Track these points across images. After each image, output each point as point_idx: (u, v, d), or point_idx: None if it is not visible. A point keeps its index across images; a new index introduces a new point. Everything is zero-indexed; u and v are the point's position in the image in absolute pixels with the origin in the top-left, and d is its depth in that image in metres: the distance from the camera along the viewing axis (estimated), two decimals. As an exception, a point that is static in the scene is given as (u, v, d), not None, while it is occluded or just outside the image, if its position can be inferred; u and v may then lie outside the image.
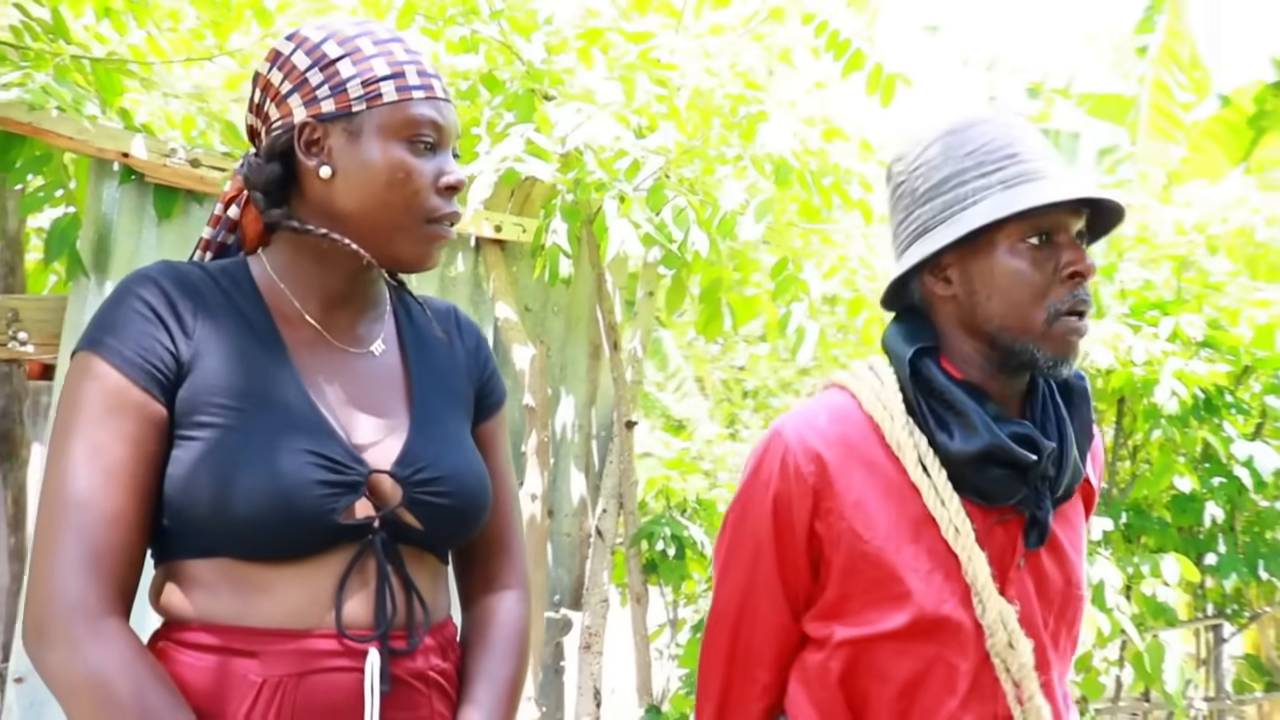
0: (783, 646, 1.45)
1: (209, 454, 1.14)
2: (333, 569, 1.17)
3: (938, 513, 1.36)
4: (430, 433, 1.28)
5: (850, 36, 4.34)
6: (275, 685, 1.12)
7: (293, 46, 1.26)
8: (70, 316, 3.12)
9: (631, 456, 3.90)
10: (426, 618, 1.24)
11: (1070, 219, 1.36)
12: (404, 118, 1.24)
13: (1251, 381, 4.44)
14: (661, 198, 3.50)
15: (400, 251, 1.27)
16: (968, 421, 1.35)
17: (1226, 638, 4.67)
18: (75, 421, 1.14)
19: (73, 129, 3.03)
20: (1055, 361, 1.35)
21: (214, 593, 1.15)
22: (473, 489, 1.29)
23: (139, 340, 1.16)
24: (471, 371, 1.42)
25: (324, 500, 1.15)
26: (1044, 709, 1.37)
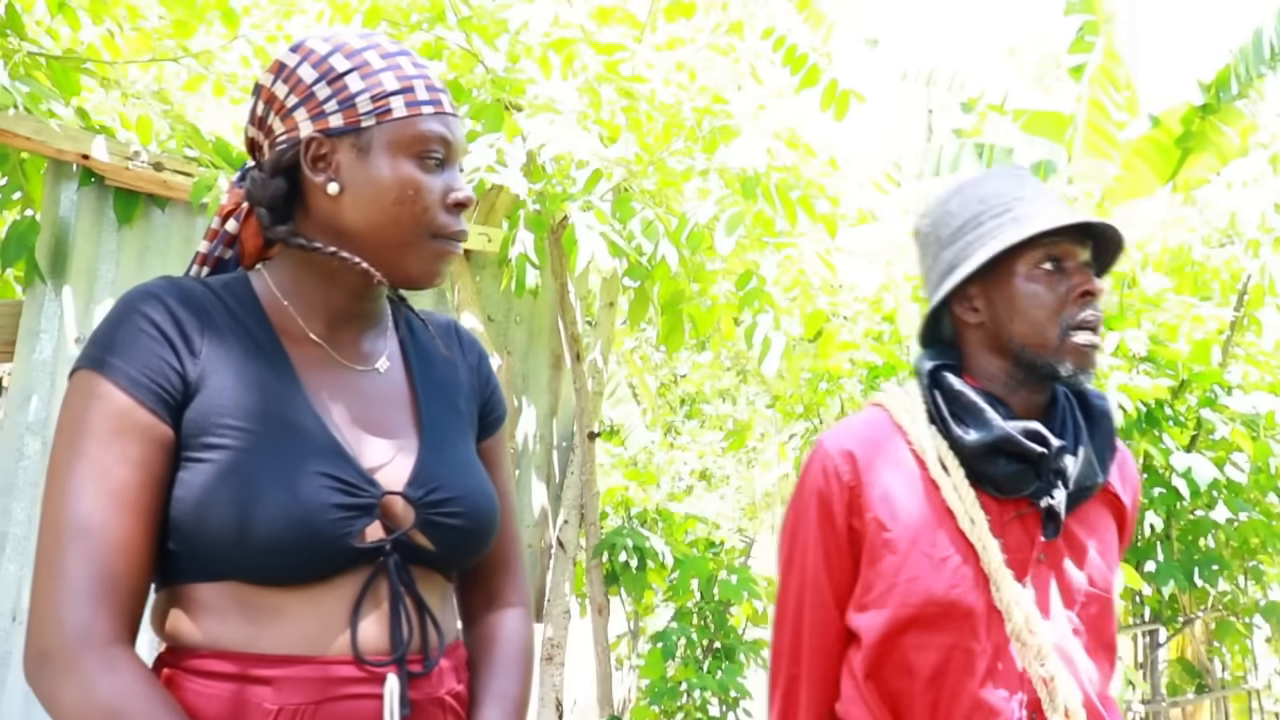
0: (835, 641, 1.59)
1: (222, 477, 1.10)
2: (346, 592, 1.14)
3: (955, 506, 1.51)
4: (440, 453, 1.26)
5: (806, 52, 4.42)
6: (293, 713, 1.09)
7: (298, 59, 1.23)
8: (25, 323, 3.03)
9: (593, 467, 3.90)
10: (441, 640, 1.22)
11: (1077, 248, 1.54)
12: (414, 134, 1.21)
13: (1188, 395, 4.58)
14: (629, 210, 3.51)
15: (409, 268, 1.24)
16: (980, 417, 1.52)
17: (1162, 642, 4.82)
18: (79, 443, 1.10)
19: (30, 128, 2.94)
20: (1074, 371, 1.52)
21: (223, 618, 1.12)
22: (484, 509, 1.27)
23: (145, 360, 1.12)
24: (475, 388, 1.40)
25: (340, 523, 1.13)
26: (1070, 689, 1.47)
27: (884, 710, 1.52)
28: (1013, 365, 1.57)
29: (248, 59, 3.64)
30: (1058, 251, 1.52)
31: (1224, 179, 6.21)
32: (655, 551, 3.90)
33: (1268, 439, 4.47)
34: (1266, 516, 4.60)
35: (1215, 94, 6.12)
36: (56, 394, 3.03)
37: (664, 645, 3.84)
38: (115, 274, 3.15)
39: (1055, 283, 1.52)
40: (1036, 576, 1.52)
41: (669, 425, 9.67)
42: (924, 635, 1.49)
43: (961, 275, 1.55)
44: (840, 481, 1.56)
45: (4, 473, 2.97)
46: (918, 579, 1.49)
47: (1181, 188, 6.64)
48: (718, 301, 3.84)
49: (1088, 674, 1.52)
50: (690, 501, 6.14)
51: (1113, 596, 1.59)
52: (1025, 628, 1.47)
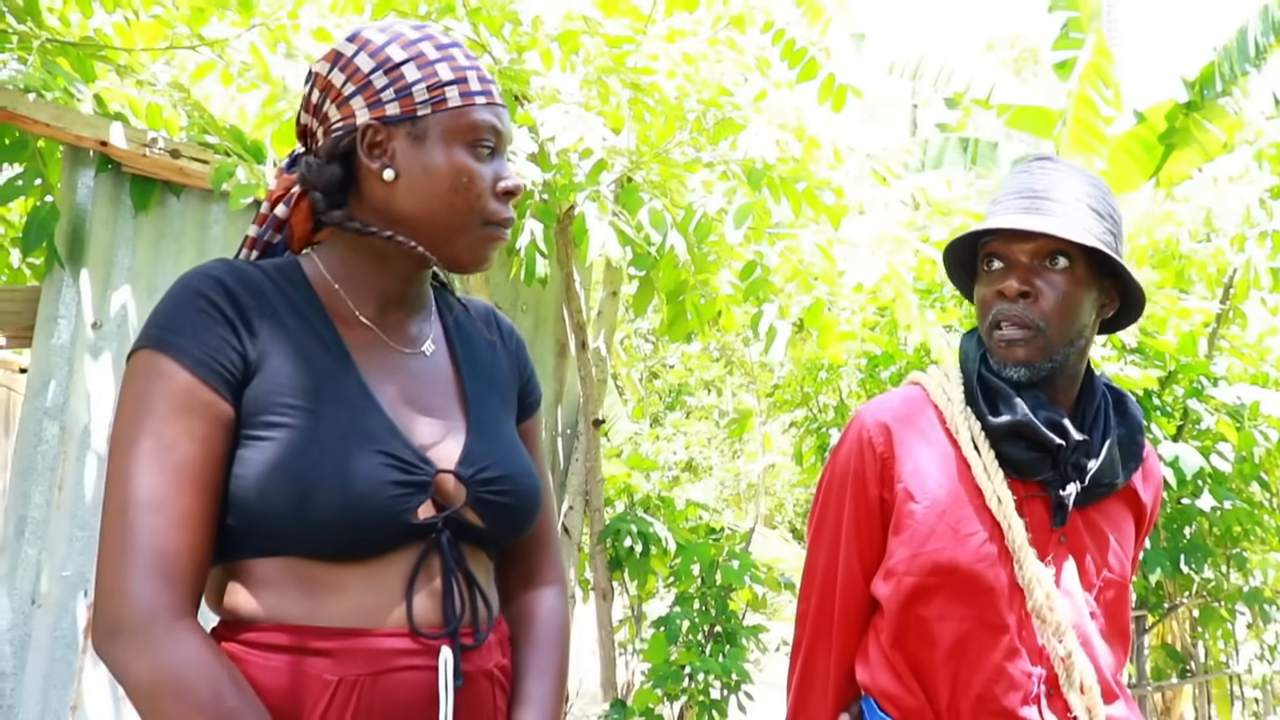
0: (859, 609, 1.65)
1: (282, 455, 1.14)
2: (400, 568, 1.18)
3: (984, 484, 1.57)
4: (487, 433, 1.30)
5: (805, 46, 4.47)
6: (351, 685, 1.13)
7: (355, 49, 1.26)
8: (43, 308, 3.05)
9: (598, 454, 3.95)
10: (490, 614, 1.27)
11: (1017, 246, 1.58)
12: (468, 123, 1.24)
13: (1175, 386, 4.68)
14: (637, 200, 3.56)
15: (460, 253, 1.28)
16: (1009, 402, 1.58)
17: (1148, 628, 4.92)
18: (143, 420, 1.13)
19: (49, 115, 2.95)
20: (1000, 364, 1.60)
21: (282, 592, 1.15)
22: (530, 488, 1.31)
23: (207, 340, 1.16)
24: (514, 372, 1.45)
25: (397, 500, 1.16)
26: (1086, 666, 1.53)
27: (911, 678, 1.58)
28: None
29: (256, 47, 3.65)
30: (995, 249, 1.60)
31: (1207, 174, 6.33)
32: (658, 537, 3.96)
33: (1252, 429, 4.57)
34: (1250, 505, 4.72)
35: (1199, 91, 6.23)
36: (74, 379, 3.05)
37: (667, 629, 3.89)
38: (132, 260, 3.17)
39: (992, 280, 1.61)
40: (1057, 558, 1.58)
41: (654, 416, 9.73)
42: (946, 606, 1.55)
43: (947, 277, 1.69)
44: (874, 452, 1.62)
45: (23, 457, 2.99)
46: (942, 550, 1.55)
47: (1165, 183, 6.76)
48: (719, 292, 3.89)
49: (1103, 656, 1.59)
50: (676, 492, 6.19)
51: (1128, 585, 1.66)
52: (1046, 605, 1.53)
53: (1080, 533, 1.61)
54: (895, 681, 1.59)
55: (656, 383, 10.11)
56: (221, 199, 3.22)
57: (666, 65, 3.81)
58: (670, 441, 8.75)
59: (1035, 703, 1.53)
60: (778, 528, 10.32)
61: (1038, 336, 1.55)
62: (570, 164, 3.52)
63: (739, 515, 10.06)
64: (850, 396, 4.77)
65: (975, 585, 1.54)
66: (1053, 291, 1.56)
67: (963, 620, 1.55)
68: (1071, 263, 1.56)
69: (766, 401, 8.18)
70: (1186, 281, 5.49)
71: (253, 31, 3.48)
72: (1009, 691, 1.53)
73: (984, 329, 1.61)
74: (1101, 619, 1.61)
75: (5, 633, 2.94)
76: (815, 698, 1.68)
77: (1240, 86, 6.34)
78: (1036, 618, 1.54)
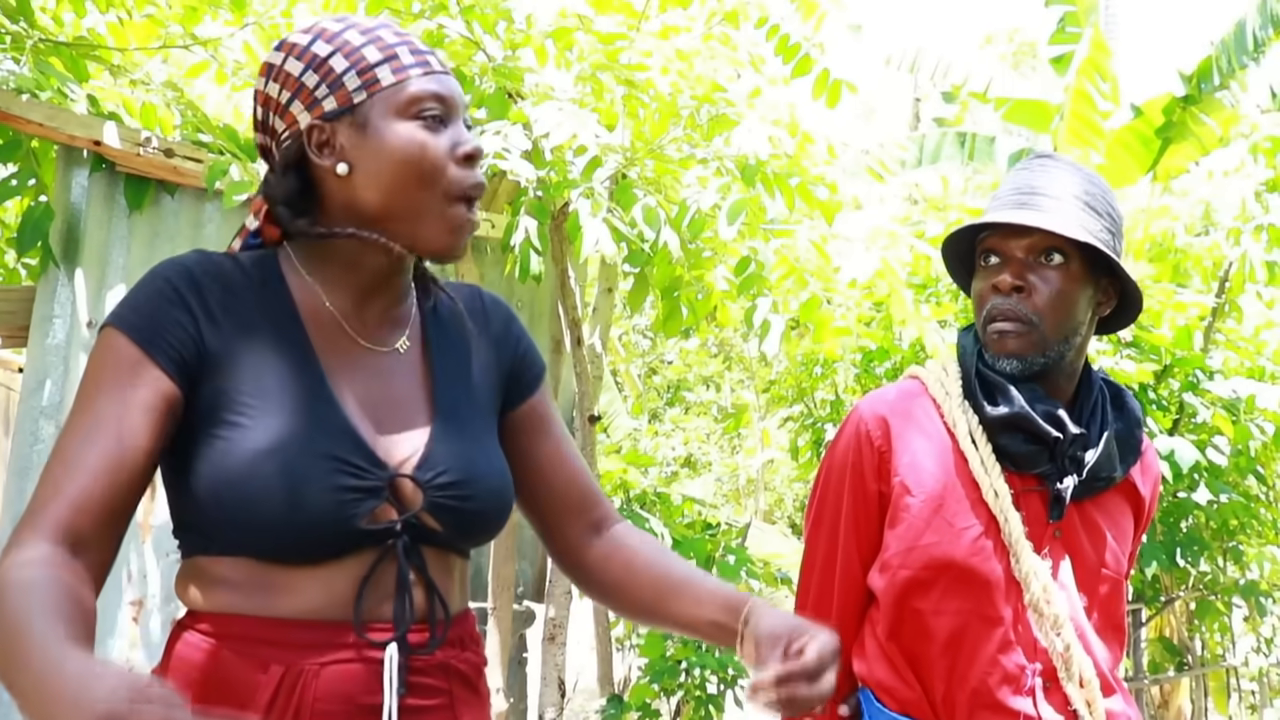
0: (857, 601, 1.67)
1: (234, 458, 1.14)
2: (354, 571, 1.18)
3: (980, 477, 1.58)
4: (452, 435, 1.28)
5: (799, 41, 4.47)
6: (297, 675, 1.14)
7: (282, 55, 1.26)
8: (39, 308, 3.06)
9: (594, 450, 3.96)
10: (447, 615, 1.25)
11: (1014, 242, 1.60)
12: (406, 96, 1.23)
13: (1171, 380, 4.69)
14: (631, 196, 3.57)
15: (429, 237, 1.25)
16: (1006, 395, 1.60)
17: (1144, 621, 4.93)
18: (88, 390, 1.15)
19: (43, 115, 2.96)
20: (994, 358, 1.61)
21: (235, 589, 1.17)
22: (494, 490, 1.29)
23: (160, 320, 1.16)
24: (502, 356, 1.41)
25: (344, 505, 1.16)
26: (1083, 659, 1.55)
27: (907, 670, 1.59)
28: None
29: (250, 46, 3.65)
30: (991, 245, 1.62)
31: (1204, 168, 6.33)
32: (655, 533, 3.97)
33: (1247, 423, 4.58)
34: (1246, 499, 4.73)
35: (1196, 85, 6.22)
36: (69, 378, 3.06)
37: (663, 625, 3.90)
38: (126, 259, 3.18)
39: (988, 275, 1.62)
40: (1053, 552, 1.59)
41: (653, 412, 9.75)
42: (942, 600, 1.56)
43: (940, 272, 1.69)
44: (871, 446, 1.64)
45: (19, 456, 3.01)
46: (938, 544, 1.57)
47: (1161, 177, 6.76)
48: (714, 288, 3.90)
49: (1098, 650, 1.59)
50: (675, 487, 6.20)
51: (1123, 581, 1.67)
52: (1043, 598, 1.54)
53: (1076, 528, 1.62)
54: (892, 673, 1.60)
55: (655, 378, 10.12)
56: (215, 197, 3.23)
57: (660, 61, 3.82)
58: (669, 437, 8.76)
59: (1030, 695, 1.54)
60: (777, 523, 10.33)
61: (1031, 331, 1.56)
62: (564, 161, 3.53)
63: (738, 510, 10.07)
64: (846, 391, 4.78)
65: (971, 579, 1.56)
66: (1046, 287, 1.57)
67: (958, 614, 1.56)
68: (1066, 259, 1.58)
69: (764, 397, 8.19)
70: (1183, 275, 5.50)
71: (246, 30, 3.49)
72: (1003, 684, 1.54)
73: (979, 323, 1.63)
74: (1096, 614, 1.62)
75: (2, 631, 2.96)
76: None
77: (1238, 80, 6.33)
78: (1033, 611, 1.55)
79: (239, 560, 1.16)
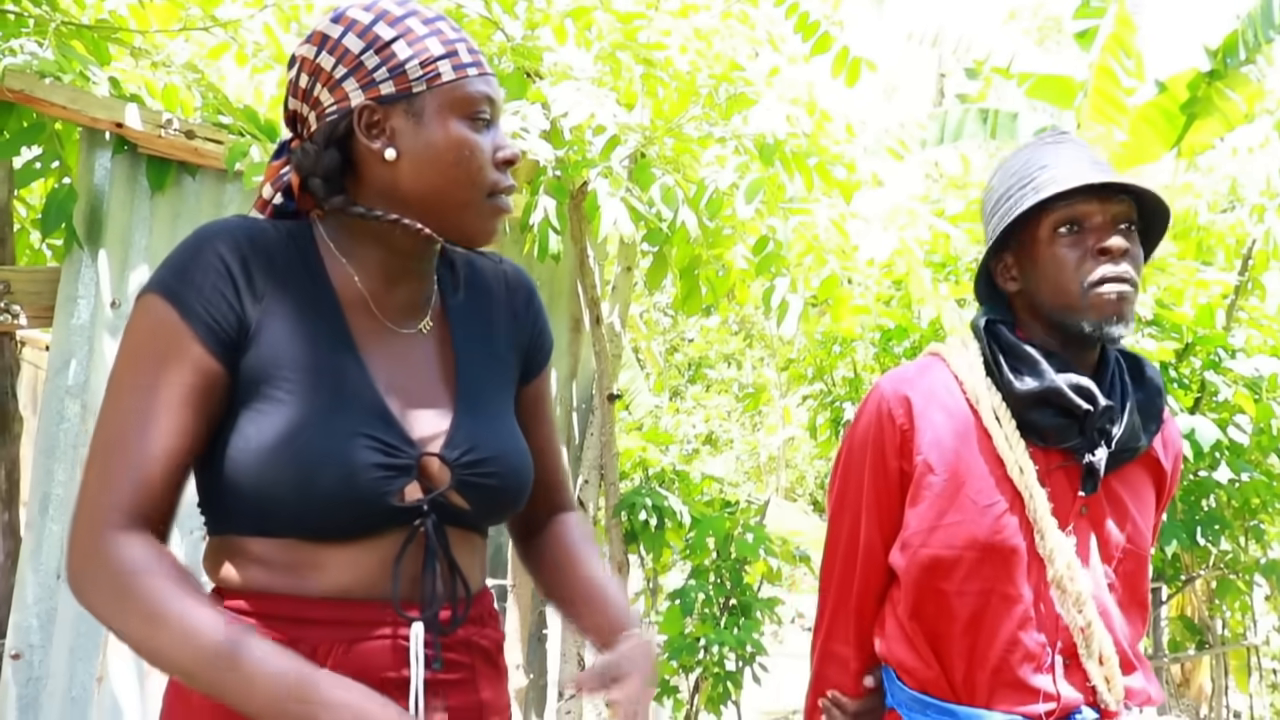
0: (880, 579, 1.68)
1: (274, 435, 1.16)
2: (383, 549, 1.20)
3: (1005, 454, 1.58)
4: (476, 414, 1.29)
5: (818, 19, 4.45)
6: (326, 652, 1.16)
7: (342, 29, 1.25)
8: (63, 289, 3.09)
9: (613, 429, 3.99)
10: (469, 593, 1.26)
11: (1098, 207, 1.57)
12: (463, 95, 1.24)
13: (1192, 358, 4.67)
14: (649, 175, 3.57)
15: (467, 228, 1.27)
16: (1035, 368, 1.58)
17: (1165, 600, 4.93)
18: (132, 363, 1.17)
19: (66, 97, 2.99)
20: (1100, 325, 1.55)
21: (268, 568, 1.18)
22: (517, 468, 1.31)
23: (207, 294, 1.17)
24: (521, 330, 1.43)
25: (379, 483, 1.18)
26: (1105, 637, 1.54)
27: (928, 650, 1.59)
28: (1050, 327, 1.62)
29: (270, 27, 3.67)
30: (1075, 213, 1.57)
31: (1228, 145, 6.26)
32: (674, 511, 3.99)
33: (1270, 401, 4.55)
34: (1268, 477, 4.70)
35: (1222, 60, 6.14)
36: (94, 358, 3.10)
37: (682, 602, 3.94)
38: (149, 240, 3.21)
39: (1075, 243, 1.57)
40: (1077, 528, 1.58)
41: (675, 389, 9.77)
42: (965, 581, 1.56)
43: (990, 246, 1.65)
44: (894, 424, 1.63)
45: (45, 435, 3.05)
46: (962, 523, 1.56)
47: (1186, 153, 6.68)
48: (733, 266, 3.90)
49: (1120, 627, 1.59)
50: (695, 465, 6.22)
51: (1147, 555, 1.66)
52: (1066, 575, 1.54)
53: (1101, 503, 1.61)
54: (912, 653, 1.60)
55: (676, 356, 10.13)
56: (236, 179, 3.25)
57: (679, 40, 3.81)
58: (690, 415, 8.77)
59: (1050, 673, 1.54)
60: (798, 500, 10.35)
61: (1133, 294, 1.56)
62: (583, 140, 3.53)
63: (760, 488, 10.09)
64: (864, 370, 4.78)
65: (994, 557, 1.55)
66: (1134, 250, 1.57)
67: (980, 594, 1.56)
68: (1135, 224, 1.59)
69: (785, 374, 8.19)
70: (1206, 253, 5.46)
71: (266, 12, 3.51)
72: (1024, 662, 1.54)
73: (1072, 294, 1.56)
74: (1120, 590, 1.62)
75: (31, 607, 3.01)
76: (836, 667, 1.71)
77: (1264, 55, 6.24)
78: (1056, 588, 1.55)
79: (271, 538, 1.18)
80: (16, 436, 3.32)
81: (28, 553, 3.03)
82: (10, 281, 3.08)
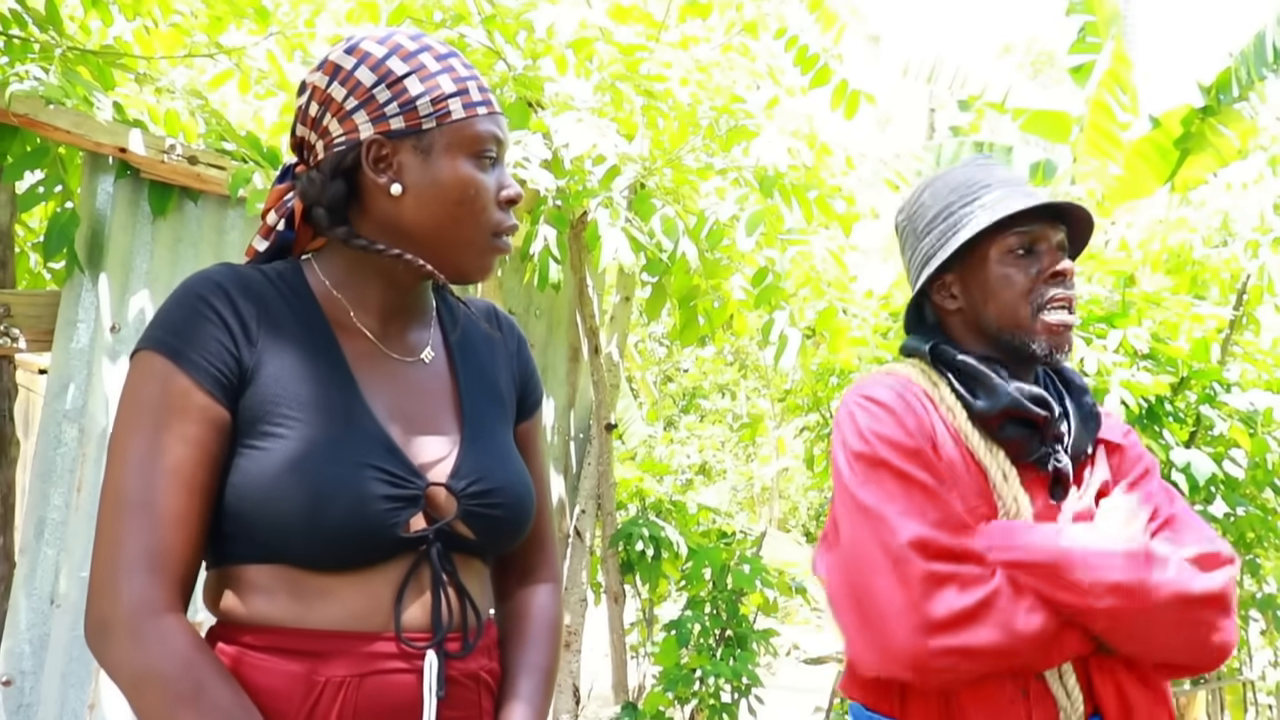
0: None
1: (278, 466, 1.15)
2: (390, 578, 1.19)
3: (987, 461, 1.56)
4: (481, 444, 1.30)
5: (817, 52, 4.49)
6: (338, 685, 1.15)
7: (355, 61, 1.25)
8: (63, 312, 3.09)
9: (610, 458, 3.98)
10: (479, 622, 1.26)
11: (1049, 231, 1.60)
12: (472, 134, 1.25)
13: (1188, 392, 4.67)
14: (649, 206, 3.59)
15: (466, 265, 1.28)
16: (988, 383, 1.57)
17: (1160, 634, 4.90)
18: (138, 422, 1.16)
19: (70, 122, 3.00)
20: (1049, 349, 1.57)
21: (272, 597, 1.17)
22: (521, 498, 1.31)
23: (205, 345, 1.17)
24: (514, 373, 1.44)
25: (387, 514, 1.18)
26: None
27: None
28: (993, 348, 1.63)
29: (274, 55, 3.69)
30: (1029, 236, 1.59)
31: (1222, 180, 6.31)
32: (670, 541, 3.98)
33: (1265, 435, 4.55)
34: (1263, 512, 4.69)
35: (1215, 96, 6.21)
36: (93, 382, 3.09)
37: (678, 633, 3.92)
38: (149, 265, 3.21)
39: (1026, 265, 1.59)
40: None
41: (668, 419, 9.76)
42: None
43: (938, 262, 1.63)
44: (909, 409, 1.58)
45: (42, 460, 3.04)
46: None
47: (1179, 188, 6.75)
48: (730, 297, 3.91)
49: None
50: (689, 495, 6.20)
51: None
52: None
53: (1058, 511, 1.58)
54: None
55: (670, 386, 10.13)
56: (238, 205, 3.26)
57: (679, 72, 3.84)
58: (684, 445, 8.76)
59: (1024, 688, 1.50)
60: (791, 531, 10.32)
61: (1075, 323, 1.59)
62: (584, 170, 3.55)
63: (753, 518, 10.07)
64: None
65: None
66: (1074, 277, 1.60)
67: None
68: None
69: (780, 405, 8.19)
70: (1200, 287, 5.48)
71: (269, 39, 3.53)
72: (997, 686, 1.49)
73: (1020, 316, 1.57)
74: None
75: (24, 633, 2.99)
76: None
77: (1257, 91, 6.32)
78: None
79: (275, 568, 1.18)
80: (13, 460, 3.30)
81: (21, 578, 3.01)
82: (10, 305, 3.08)
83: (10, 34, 3.06)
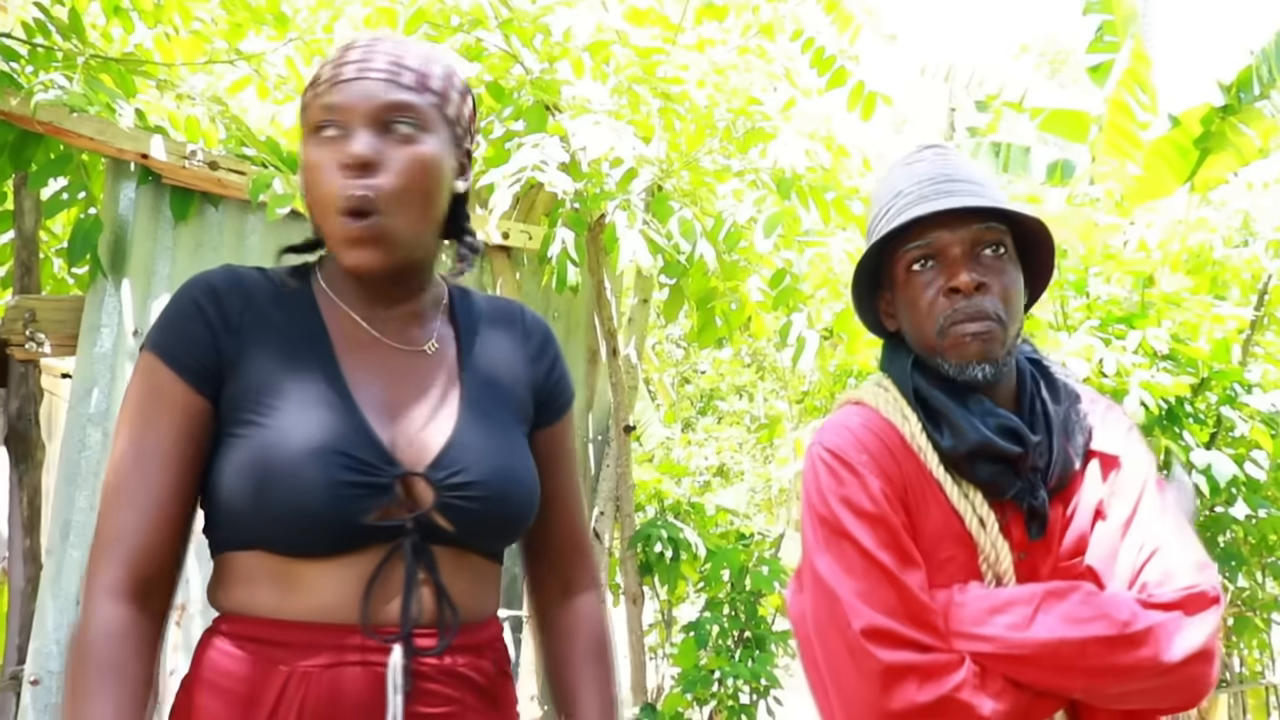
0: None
1: (248, 451, 1.18)
2: (363, 568, 1.19)
3: (961, 505, 1.44)
4: (474, 435, 1.27)
5: (834, 54, 4.49)
6: (303, 676, 1.15)
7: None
8: (87, 317, 3.13)
9: (629, 460, 3.99)
10: (456, 618, 1.23)
11: (950, 238, 1.43)
12: (310, 117, 1.25)
13: (1208, 393, 4.65)
14: (667, 209, 3.59)
15: (337, 250, 1.25)
16: (953, 422, 1.43)
17: (1181, 637, 4.88)
18: (126, 415, 1.22)
19: (93, 129, 3.03)
20: (959, 368, 1.43)
21: (253, 585, 1.20)
22: (509, 493, 1.27)
23: (186, 338, 1.22)
24: (535, 375, 1.40)
25: (349, 501, 1.17)
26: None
27: None
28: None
29: (292, 61, 3.72)
30: (928, 248, 1.43)
31: (1242, 179, 6.27)
32: (689, 543, 3.99)
33: (1287, 436, 4.52)
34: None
35: (1235, 95, 6.17)
36: (116, 386, 3.12)
37: (697, 635, 3.92)
38: (171, 269, 3.25)
39: (931, 280, 1.43)
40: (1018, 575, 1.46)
41: (686, 421, 9.76)
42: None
43: (856, 285, 1.52)
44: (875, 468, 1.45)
45: (67, 463, 3.07)
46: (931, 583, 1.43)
47: (1199, 188, 6.70)
48: (748, 299, 3.92)
49: None
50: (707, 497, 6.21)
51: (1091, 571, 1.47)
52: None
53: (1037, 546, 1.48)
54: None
55: (688, 388, 10.14)
56: (259, 210, 3.29)
57: (696, 74, 3.85)
58: (702, 446, 8.77)
59: None
60: (809, 533, 10.27)
61: (1000, 330, 1.41)
62: (601, 173, 3.56)
63: (770, 520, 10.06)
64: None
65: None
66: (1000, 280, 1.43)
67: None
68: (1006, 248, 1.45)
69: (797, 407, 8.20)
70: (1221, 288, 5.45)
71: (288, 45, 3.55)
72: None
73: (929, 336, 1.44)
74: None
75: (51, 633, 3.02)
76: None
77: (1278, 89, 6.28)
78: None
79: (258, 554, 1.20)
80: (39, 463, 3.34)
81: (48, 579, 3.05)
82: (35, 310, 3.12)
83: (35, 43, 3.09)
